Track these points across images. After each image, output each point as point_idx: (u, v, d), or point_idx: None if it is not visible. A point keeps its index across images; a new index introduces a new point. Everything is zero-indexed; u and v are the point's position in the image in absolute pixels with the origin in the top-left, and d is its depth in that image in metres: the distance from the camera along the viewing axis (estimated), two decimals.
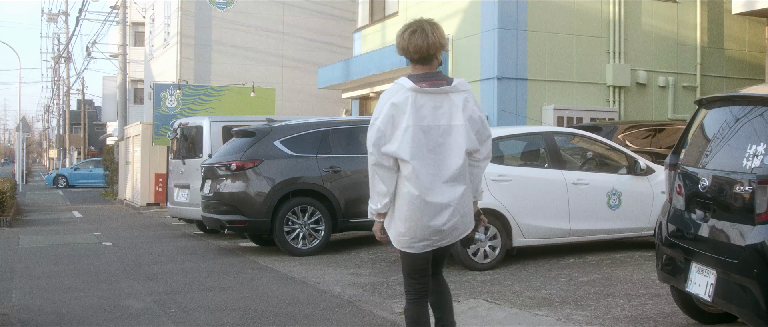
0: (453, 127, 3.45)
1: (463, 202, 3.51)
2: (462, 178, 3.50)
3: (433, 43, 3.49)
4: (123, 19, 24.90)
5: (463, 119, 3.46)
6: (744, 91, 4.72)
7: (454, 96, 3.48)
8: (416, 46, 3.49)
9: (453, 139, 3.45)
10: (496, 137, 8.13)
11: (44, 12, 53.26)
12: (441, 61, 3.60)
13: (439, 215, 3.44)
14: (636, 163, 8.44)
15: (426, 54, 3.50)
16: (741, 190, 4.08)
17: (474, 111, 3.51)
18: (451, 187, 3.46)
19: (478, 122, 3.52)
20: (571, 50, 14.77)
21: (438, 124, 3.44)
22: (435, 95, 3.45)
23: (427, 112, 3.43)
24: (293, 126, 9.76)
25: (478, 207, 3.82)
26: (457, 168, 3.46)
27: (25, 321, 5.81)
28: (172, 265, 8.72)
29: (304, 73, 25.87)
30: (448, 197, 3.44)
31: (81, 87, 48.34)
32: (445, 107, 3.46)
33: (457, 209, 3.48)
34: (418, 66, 3.55)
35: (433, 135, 3.43)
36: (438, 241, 3.51)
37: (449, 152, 3.45)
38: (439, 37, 3.53)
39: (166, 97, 17.08)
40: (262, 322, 5.64)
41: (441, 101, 3.46)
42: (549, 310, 5.67)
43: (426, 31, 3.51)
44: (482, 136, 3.56)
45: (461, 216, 3.52)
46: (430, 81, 3.47)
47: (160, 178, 17.86)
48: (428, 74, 3.52)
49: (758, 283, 3.86)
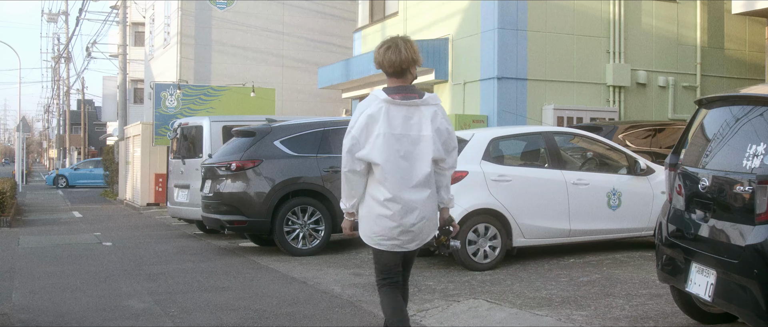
0: (422, 137, 3.76)
1: (427, 205, 3.81)
2: (428, 183, 3.79)
3: (405, 59, 3.79)
4: (123, 19, 24.90)
5: (431, 130, 3.76)
6: (744, 91, 4.72)
7: (424, 109, 3.79)
8: (390, 61, 3.80)
9: (421, 148, 3.76)
10: (496, 137, 8.14)
11: (44, 12, 53.31)
12: (415, 75, 3.89)
13: (406, 216, 3.74)
14: (636, 163, 8.44)
15: (399, 69, 3.80)
16: (741, 190, 4.08)
17: (442, 123, 3.81)
18: (418, 191, 3.76)
19: (445, 134, 3.82)
20: (571, 50, 14.77)
21: (408, 134, 3.75)
22: (407, 107, 3.76)
23: (398, 122, 3.74)
24: (293, 126, 9.76)
25: (451, 214, 4.08)
26: (424, 174, 3.77)
27: (25, 321, 5.81)
28: (172, 265, 8.72)
29: (304, 73, 25.87)
30: (415, 200, 3.75)
31: (81, 87, 48.35)
32: (416, 118, 3.76)
33: (423, 212, 3.78)
34: (392, 79, 3.86)
35: (403, 143, 3.73)
36: (407, 242, 3.81)
37: (418, 159, 3.76)
38: (411, 53, 3.81)
39: (166, 97, 17.08)
40: (262, 322, 5.64)
41: (412, 113, 3.77)
42: (549, 310, 5.67)
43: (399, 47, 3.80)
44: (448, 147, 3.85)
45: (427, 220, 3.82)
46: (402, 94, 3.78)
47: (160, 178, 17.87)
48: (402, 87, 3.82)
49: (758, 283, 3.86)
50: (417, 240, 3.84)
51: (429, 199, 3.81)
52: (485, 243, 7.60)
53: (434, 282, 7.02)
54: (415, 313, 5.74)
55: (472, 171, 7.67)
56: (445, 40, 15.59)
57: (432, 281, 7.06)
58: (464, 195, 7.55)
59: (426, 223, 3.82)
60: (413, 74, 3.88)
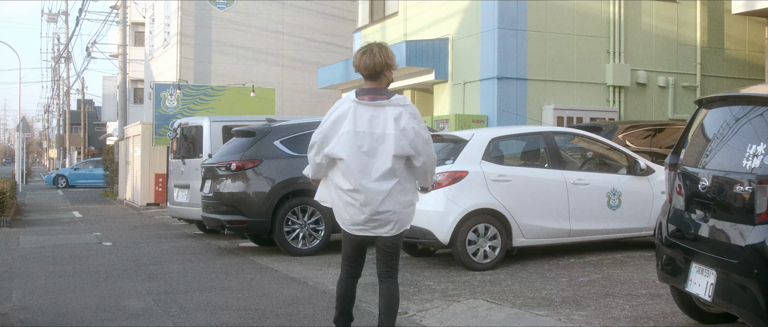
0: (386, 135, 4.09)
1: (393, 196, 4.12)
2: (391, 176, 4.11)
3: (378, 62, 4.18)
4: (123, 19, 24.90)
5: (394, 129, 4.08)
6: (744, 91, 4.72)
7: (390, 109, 4.12)
8: (365, 64, 4.20)
9: (385, 145, 4.09)
10: (495, 137, 8.14)
11: (44, 12, 53.31)
12: (390, 78, 4.27)
13: (370, 205, 4.11)
14: (636, 163, 8.44)
15: (373, 71, 4.20)
16: (741, 190, 4.08)
17: (408, 124, 4.10)
18: (380, 183, 4.10)
19: (411, 133, 4.10)
20: (571, 50, 14.77)
21: (373, 132, 4.10)
22: (373, 107, 4.13)
23: (364, 121, 4.12)
24: (293, 126, 9.75)
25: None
26: (385, 169, 4.09)
27: (25, 321, 5.81)
28: (172, 265, 8.72)
29: (304, 73, 25.87)
30: (378, 191, 4.09)
31: (81, 87, 48.35)
32: (381, 118, 4.11)
33: (387, 202, 4.11)
34: (367, 82, 4.25)
35: (367, 139, 4.10)
36: (374, 228, 4.18)
37: (380, 155, 4.10)
38: (384, 58, 4.19)
39: (166, 97, 17.07)
40: (262, 322, 5.64)
41: (378, 113, 4.13)
42: (549, 310, 5.67)
43: (374, 52, 4.19)
44: (416, 145, 4.13)
45: (393, 212, 4.15)
46: (371, 95, 4.16)
47: (160, 178, 17.86)
48: (372, 89, 4.20)
49: (758, 283, 3.86)
50: (385, 227, 4.17)
51: (395, 190, 4.12)
52: (485, 243, 7.60)
53: (434, 282, 7.02)
54: (415, 313, 5.74)
55: (472, 171, 7.67)
56: (445, 40, 15.59)
57: (432, 281, 7.06)
58: (464, 195, 7.55)
59: (392, 214, 4.14)
60: (388, 77, 4.25)
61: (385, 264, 4.32)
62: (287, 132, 9.59)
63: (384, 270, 4.33)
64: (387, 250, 4.29)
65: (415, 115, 4.16)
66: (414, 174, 4.26)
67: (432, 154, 4.23)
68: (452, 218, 7.47)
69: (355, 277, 4.47)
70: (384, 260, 4.32)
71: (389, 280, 4.32)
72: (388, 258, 4.32)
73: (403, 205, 4.18)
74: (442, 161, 7.90)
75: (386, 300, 4.30)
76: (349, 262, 4.45)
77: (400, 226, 4.21)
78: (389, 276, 4.32)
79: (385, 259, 4.32)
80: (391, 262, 4.32)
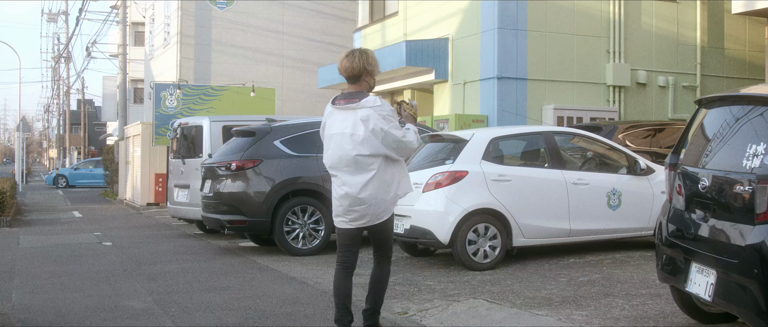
0: (356, 135, 4.41)
1: (369, 188, 4.43)
2: (365, 169, 4.43)
3: (356, 67, 4.48)
4: (123, 19, 24.90)
5: (363, 130, 4.39)
6: (744, 91, 4.72)
7: (359, 112, 4.43)
8: (344, 67, 4.51)
9: (357, 144, 4.41)
10: (496, 137, 8.14)
11: (44, 12, 53.28)
12: (371, 84, 4.56)
13: (348, 198, 4.49)
14: (636, 163, 8.44)
15: (351, 75, 4.51)
16: (741, 189, 4.08)
17: (376, 125, 4.39)
18: (356, 176, 4.43)
19: (380, 133, 4.40)
20: (571, 50, 14.77)
21: (343, 132, 4.46)
22: (344, 111, 4.50)
23: (338, 122, 4.51)
24: (293, 126, 9.75)
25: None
26: (361, 164, 4.42)
27: (25, 321, 5.81)
28: (172, 265, 8.72)
29: (304, 73, 25.86)
30: (355, 184, 4.44)
31: (81, 87, 48.35)
32: (350, 120, 4.45)
33: (363, 194, 4.43)
34: (348, 85, 4.59)
35: (337, 140, 4.49)
36: (354, 220, 4.53)
37: (354, 152, 4.41)
38: (363, 63, 4.48)
39: (166, 97, 17.07)
40: (262, 322, 5.64)
41: (349, 115, 4.47)
42: (549, 310, 5.68)
43: (354, 56, 4.49)
44: (388, 143, 4.43)
45: (370, 205, 4.47)
46: (346, 99, 4.51)
47: (160, 178, 17.87)
48: (348, 93, 4.54)
49: (758, 283, 3.86)
50: (364, 219, 4.51)
51: (371, 184, 4.43)
52: (485, 243, 7.60)
53: (434, 282, 7.02)
54: (415, 313, 5.74)
55: (472, 171, 7.67)
56: (445, 40, 15.59)
57: (432, 281, 7.06)
58: (464, 195, 7.55)
59: (368, 208, 4.48)
60: (368, 82, 4.55)
61: (375, 249, 4.75)
62: (287, 132, 9.59)
63: (375, 254, 4.76)
64: (376, 235, 4.67)
65: (385, 116, 4.41)
66: (394, 167, 4.55)
67: (405, 145, 4.50)
68: (452, 218, 7.47)
69: (347, 267, 4.70)
70: (374, 246, 4.75)
71: (379, 264, 4.74)
72: (377, 244, 4.72)
73: (378, 198, 4.47)
74: (442, 161, 7.91)
75: (372, 281, 4.74)
76: (341, 252, 4.74)
77: (374, 219, 4.52)
78: (378, 260, 4.74)
79: (375, 245, 4.74)
80: (380, 248, 4.71)
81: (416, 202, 7.62)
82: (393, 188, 4.54)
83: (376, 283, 4.74)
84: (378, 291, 4.73)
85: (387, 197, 4.51)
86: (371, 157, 4.41)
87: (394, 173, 4.53)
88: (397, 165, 4.57)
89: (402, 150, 4.50)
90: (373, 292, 4.74)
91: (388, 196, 4.51)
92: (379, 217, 4.53)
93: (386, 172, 4.49)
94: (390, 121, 4.42)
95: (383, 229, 4.60)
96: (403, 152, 4.52)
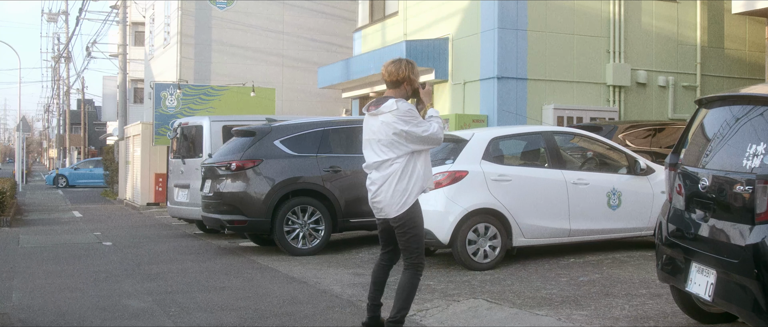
0: (380, 140, 4.72)
1: (389, 186, 4.70)
2: (387, 169, 4.71)
3: (401, 73, 4.76)
4: (123, 19, 24.90)
5: (386, 134, 4.69)
6: (744, 91, 4.72)
7: (380, 117, 4.73)
8: (388, 70, 4.81)
9: (381, 148, 4.73)
10: (496, 137, 8.14)
11: (44, 12, 53.26)
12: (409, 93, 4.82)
13: (372, 192, 4.82)
14: (636, 162, 8.44)
15: (395, 79, 4.79)
16: (741, 189, 4.08)
17: (395, 128, 4.65)
18: (379, 173, 4.76)
19: (402, 134, 4.66)
20: (571, 50, 14.77)
21: (370, 139, 4.82)
22: (372, 117, 4.81)
23: (367, 129, 4.87)
24: (293, 126, 9.75)
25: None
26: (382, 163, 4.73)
27: (25, 321, 5.81)
28: (172, 265, 8.72)
29: (304, 73, 25.86)
30: (376, 179, 4.77)
31: (81, 87, 48.36)
32: (377, 126, 4.75)
33: (383, 189, 4.72)
34: (387, 89, 4.88)
35: (368, 145, 4.84)
36: (379, 212, 4.83)
37: (378, 153, 4.75)
38: (408, 72, 4.77)
39: (166, 97, 17.07)
40: (262, 322, 5.64)
41: (375, 122, 4.78)
42: (549, 310, 5.68)
43: (401, 64, 4.79)
44: (413, 140, 4.69)
45: (388, 198, 4.71)
46: (375, 105, 4.79)
47: (160, 178, 17.86)
48: (378, 99, 4.82)
49: (758, 283, 3.86)
50: (383, 212, 4.77)
51: (390, 180, 4.70)
52: (485, 243, 7.60)
53: (434, 282, 7.02)
54: (415, 313, 5.74)
55: (472, 171, 7.67)
56: (445, 40, 15.59)
57: (432, 281, 7.06)
58: (464, 195, 7.55)
59: (389, 201, 4.71)
60: (406, 91, 4.80)
61: (402, 252, 4.84)
62: (287, 132, 9.59)
63: (404, 262, 4.82)
64: (400, 237, 4.78)
65: (403, 117, 4.64)
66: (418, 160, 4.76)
67: (429, 139, 4.73)
68: (452, 218, 7.47)
69: (385, 263, 5.00)
70: (401, 249, 4.83)
71: (405, 269, 4.80)
72: (403, 247, 4.80)
73: (390, 194, 4.71)
74: (442, 161, 7.91)
75: (398, 288, 4.79)
76: (381, 247, 5.04)
77: (391, 211, 4.73)
78: (406, 267, 4.80)
79: (402, 248, 4.82)
80: (406, 254, 4.79)
81: None
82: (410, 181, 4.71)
83: (399, 290, 4.78)
84: (398, 299, 4.75)
85: (400, 188, 4.70)
86: (397, 158, 4.70)
87: (417, 165, 4.75)
88: (420, 158, 4.76)
89: (428, 142, 4.74)
90: (395, 299, 4.78)
91: (401, 188, 4.70)
92: (396, 210, 4.70)
93: (407, 166, 4.71)
94: (408, 121, 4.65)
95: (403, 227, 4.72)
96: (431, 144, 4.76)
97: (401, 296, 4.74)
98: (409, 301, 4.75)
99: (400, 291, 4.75)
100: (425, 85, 4.97)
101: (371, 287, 4.98)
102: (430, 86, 5.05)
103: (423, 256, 4.82)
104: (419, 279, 4.81)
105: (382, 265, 5.00)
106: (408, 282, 4.75)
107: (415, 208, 4.73)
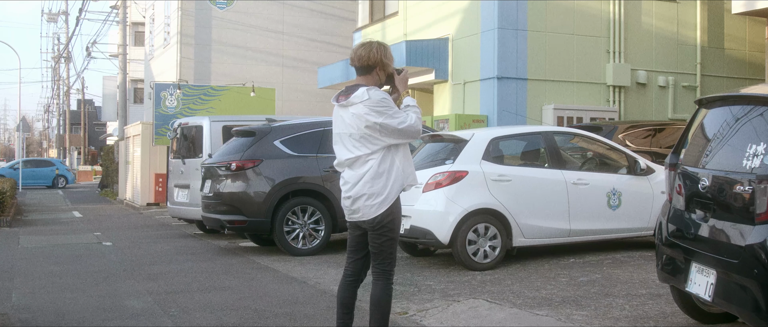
0: (351, 135, 4.19)
1: (365, 185, 4.15)
2: (361, 166, 4.17)
3: (372, 57, 4.19)
4: (123, 19, 24.91)
5: (358, 128, 4.14)
6: (744, 91, 4.72)
7: (351, 109, 4.17)
8: (359, 56, 4.23)
9: (353, 144, 4.19)
10: (496, 137, 8.14)
11: (44, 12, 53.30)
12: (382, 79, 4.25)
13: (346, 191, 4.24)
14: (636, 163, 8.44)
15: (366, 64, 4.22)
16: (741, 189, 4.08)
17: (368, 120, 4.10)
18: (352, 171, 4.21)
19: (376, 127, 4.11)
20: (571, 50, 14.77)
21: (341, 132, 4.26)
22: (342, 109, 4.25)
23: (337, 122, 4.30)
24: (293, 126, 9.75)
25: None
26: (355, 159, 4.18)
27: (25, 321, 5.81)
28: (172, 265, 8.72)
29: (304, 73, 25.87)
30: (350, 178, 4.21)
31: (81, 87, 48.39)
32: (348, 118, 4.20)
33: (359, 188, 4.16)
34: (357, 77, 4.30)
35: (339, 140, 4.29)
36: (351, 214, 4.25)
37: (351, 148, 4.20)
38: (381, 55, 4.20)
39: (166, 97, 17.07)
40: (262, 322, 5.64)
41: (346, 114, 4.22)
42: (549, 310, 5.67)
43: (371, 47, 4.22)
44: (388, 133, 4.12)
45: (366, 196, 4.15)
46: (344, 96, 4.24)
47: (160, 178, 17.86)
48: (347, 88, 4.26)
49: (758, 283, 3.86)
50: (358, 213, 4.20)
51: (366, 178, 4.15)
52: (485, 243, 7.60)
53: (434, 282, 7.02)
54: (415, 313, 5.74)
55: (472, 171, 7.67)
56: (445, 40, 15.59)
57: (432, 281, 7.06)
58: (464, 195, 7.55)
59: (364, 202, 4.16)
60: (380, 77, 4.24)
61: (373, 258, 4.28)
62: (287, 132, 9.59)
63: (372, 268, 4.31)
64: (374, 240, 4.22)
65: (376, 108, 4.07)
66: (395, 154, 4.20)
67: (406, 132, 4.14)
68: (452, 218, 7.47)
69: (351, 277, 4.40)
70: (372, 253, 4.27)
71: (377, 281, 4.27)
72: (375, 251, 4.24)
73: (366, 195, 4.14)
74: (442, 161, 7.91)
75: (372, 303, 4.29)
76: (348, 256, 4.44)
77: (364, 215, 4.16)
78: (374, 274, 4.28)
79: (373, 252, 4.27)
80: (378, 260, 4.25)
81: (416, 202, 7.62)
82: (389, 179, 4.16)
83: (374, 306, 4.26)
84: (374, 316, 4.26)
85: (377, 188, 4.14)
86: (371, 154, 4.13)
87: (395, 161, 4.17)
88: (398, 153, 4.19)
89: (406, 135, 4.15)
90: (371, 317, 4.29)
91: (378, 187, 4.14)
92: (373, 212, 4.13)
93: (384, 162, 4.14)
94: (382, 111, 4.07)
95: (381, 230, 4.16)
96: (408, 137, 4.18)
97: (378, 312, 4.23)
98: (386, 317, 4.25)
99: (374, 307, 4.24)
100: (402, 71, 4.36)
101: (339, 311, 4.39)
102: (406, 71, 4.39)
103: (394, 262, 4.30)
104: (392, 289, 4.30)
105: (348, 282, 4.39)
106: (381, 294, 4.23)
107: (394, 208, 4.16)
